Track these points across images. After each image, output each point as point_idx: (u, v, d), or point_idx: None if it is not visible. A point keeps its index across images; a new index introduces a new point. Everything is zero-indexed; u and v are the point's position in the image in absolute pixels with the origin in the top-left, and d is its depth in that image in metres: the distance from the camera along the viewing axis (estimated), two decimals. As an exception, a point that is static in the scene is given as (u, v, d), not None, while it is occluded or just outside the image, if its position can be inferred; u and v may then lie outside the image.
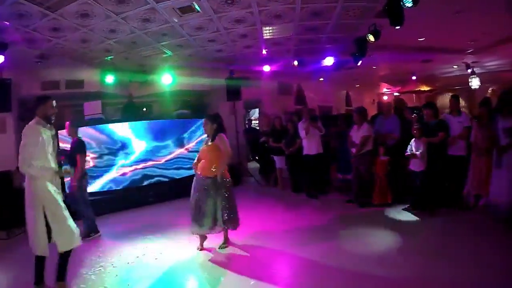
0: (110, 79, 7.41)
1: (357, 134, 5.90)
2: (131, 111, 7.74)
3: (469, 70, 8.58)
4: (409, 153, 5.42)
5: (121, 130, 7.07)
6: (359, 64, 7.71)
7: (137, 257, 4.22)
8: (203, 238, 4.36)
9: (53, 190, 3.23)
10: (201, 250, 4.28)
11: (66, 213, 3.27)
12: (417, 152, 5.29)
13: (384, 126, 6.10)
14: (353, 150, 5.97)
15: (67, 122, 5.33)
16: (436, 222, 4.90)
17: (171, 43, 6.59)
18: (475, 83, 8.87)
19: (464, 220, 4.87)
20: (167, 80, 7.77)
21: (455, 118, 5.43)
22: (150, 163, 7.42)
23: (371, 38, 6.15)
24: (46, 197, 3.16)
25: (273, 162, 7.69)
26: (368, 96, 12.52)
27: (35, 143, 3.13)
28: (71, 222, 3.28)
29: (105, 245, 4.74)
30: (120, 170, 7.12)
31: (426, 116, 5.61)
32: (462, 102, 5.95)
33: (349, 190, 6.69)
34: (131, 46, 6.53)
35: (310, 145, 6.61)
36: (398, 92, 11.74)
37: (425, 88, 11.09)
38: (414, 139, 5.44)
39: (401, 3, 4.77)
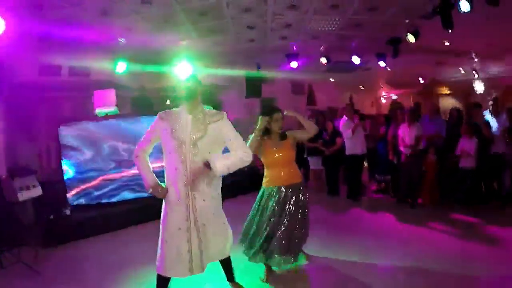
0: (121, 67, 6.50)
1: (409, 133, 5.92)
2: (143, 105, 6.89)
3: (476, 75, 9.28)
4: (460, 152, 5.71)
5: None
6: (384, 65, 7.92)
7: (205, 284, 3.42)
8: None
9: None
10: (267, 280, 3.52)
11: None
12: (471, 151, 5.58)
13: (431, 126, 6.26)
14: (402, 149, 5.99)
15: None
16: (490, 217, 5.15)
17: (206, 26, 6.08)
18: (479, 87, 9.63)
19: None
20: (184, 71, 7.04)
21: (496, 119, 5.82)
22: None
23: (411, 38, 6.33)
24: None
25: (303, 163, 7.42)
26: (368, 98, 13.01)
27: None
28: None
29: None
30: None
31: (476, 116, 5.87)
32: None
33: (386, 192, 6.81)
34: (159, 25, 5.84)
35: (356, 145, 6.57)
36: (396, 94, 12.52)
37: (446, 91, 11.97)
38: (463, 137, 5.66)
39: (458, 7, 4.97)
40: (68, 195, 5.77)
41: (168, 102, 7.08)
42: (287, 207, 3.42)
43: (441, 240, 4.43)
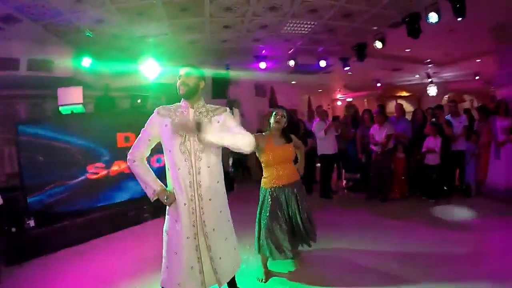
0: (86, 62, 6.08)
1: (380, 133, 6.36)
2: (106, 104, 6.50)
3: (429, 80, 10.25)
4: (425, 150, 6.26)
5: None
6: (347, 68, 8.41)
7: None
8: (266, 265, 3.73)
9: None
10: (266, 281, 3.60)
11: None
12: (436, 148, 6.14)
13: (397, 126, 6.78)
14: (373, 148, 6.43)
15: None
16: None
17: (183, 23, 5.99)
18: (432, 91, 10.65)
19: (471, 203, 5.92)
20: (152, 70, 6.78)
21: (456, 119, 6.50)
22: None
23: (378, 45, 6.83)
24: None
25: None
26: (325, 100, 13.57)
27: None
28: None
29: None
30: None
31: (440, 116, 6.51)
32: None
33: (355, 189, 7.23)
34: (133, 19, 5.60)
35: (328, 145, 6.88)
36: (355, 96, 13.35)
37: (405, 93, 12.96)
38: (428, 137, 6.24)
39: (426, 18, 5.55)
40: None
41: (139, 101, 6.73)
42: (300, 202, 3.56)
43: (416, 228, 4.84)
